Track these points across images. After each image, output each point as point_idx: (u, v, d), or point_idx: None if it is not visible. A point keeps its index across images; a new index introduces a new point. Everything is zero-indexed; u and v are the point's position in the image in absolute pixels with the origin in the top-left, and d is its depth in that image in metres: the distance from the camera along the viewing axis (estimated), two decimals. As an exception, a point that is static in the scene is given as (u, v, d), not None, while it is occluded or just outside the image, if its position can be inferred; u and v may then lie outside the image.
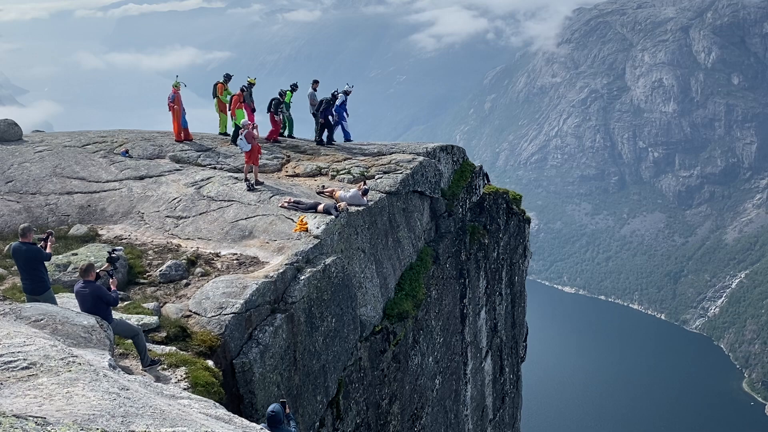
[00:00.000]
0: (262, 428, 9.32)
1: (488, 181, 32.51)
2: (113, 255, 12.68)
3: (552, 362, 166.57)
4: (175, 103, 25.04)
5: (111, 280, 11.85)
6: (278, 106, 25.74)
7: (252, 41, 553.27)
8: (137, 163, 22.66)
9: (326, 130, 25.87)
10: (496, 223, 30.02)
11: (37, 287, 11.88)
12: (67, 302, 12.65)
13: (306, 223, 17.76)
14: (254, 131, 20.87)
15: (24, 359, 7.26)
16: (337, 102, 25.49)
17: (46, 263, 12.44)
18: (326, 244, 17.45)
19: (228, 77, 26.37)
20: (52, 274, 14.15)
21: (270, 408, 10.04)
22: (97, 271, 11.80)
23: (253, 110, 26.27)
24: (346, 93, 25.93)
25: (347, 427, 17.41)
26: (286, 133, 27.22)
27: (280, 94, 26.10)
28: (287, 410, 10.60)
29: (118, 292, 11.89)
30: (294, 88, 26.65)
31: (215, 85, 26.20)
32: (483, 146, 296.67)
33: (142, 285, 15.46)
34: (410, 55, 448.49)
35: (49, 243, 12.43)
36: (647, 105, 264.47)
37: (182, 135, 25.28)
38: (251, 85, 26.03)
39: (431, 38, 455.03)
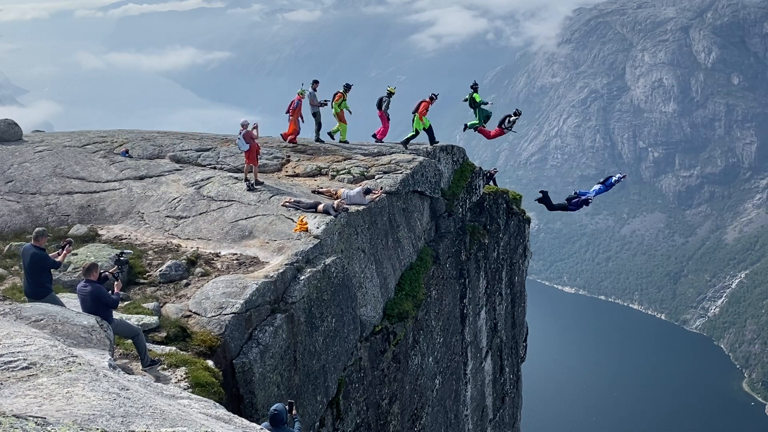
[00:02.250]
0: (262, 428, 9.32)
1: (495, 183, 32.59)
2: (122, 258, 12.77)
3: (552, 362, 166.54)
4: (297, 110, 25.10)
5: (116, 283, 11.86)
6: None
7: (252, 41, 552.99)
8: (137, 163, 22.65)
9: None
10: (496, 223, 30.04)
11: (37, 291, 11.93)
12: (68, 302, 12.65)
13: (306, 223, 17.76)
14: (254, 131, 20.83)
15: (24, 359, 7.26)
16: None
17: (54, 270, 12.48)
18: (326, 244, 17.46)
19: (348, 87, 26.17)
20: (53, 273, 14.16)
21: (273, 407, 10.04)
22: (105, 273, 11.89)
23: (388, 118, 26.68)
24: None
25: (347, 427, 17.42)
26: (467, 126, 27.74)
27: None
28: (294, 411, 10.61)
29: (120, 293, 11.91)
30: (475, 87, 26.82)
31: (335, 95, 26.10)
32: (483, 146, 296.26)
33: (142, 285, 15.46)
34: (410, 55, 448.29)
35: (65, 251, 12.49)
36: (647, 105, 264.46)
37: (289, 138, 25.45)
38: (391, 94, 26.32)
39: (431, 38, 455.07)
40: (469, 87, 26.91)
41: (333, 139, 26.88)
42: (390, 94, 26.48)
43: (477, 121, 27.05)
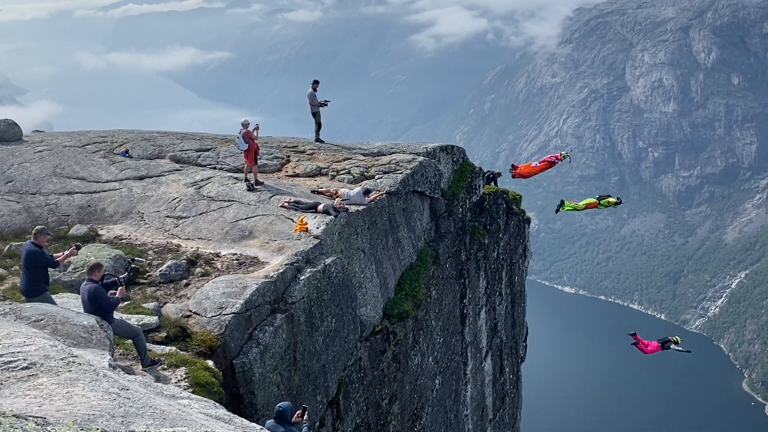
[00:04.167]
0: (262, 429, 9.35)
1: (496, 185, 32.53)
2: (132, 265, 12.88)
3: (552, 362, 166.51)
4: None
5: (120, 288, 11.89)
6: None
7: (252, 41, 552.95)
8: (137, 163, 22.66)
9: None
10: (496, 223, 30.03)
11: (30, 289, 11.99)
12: (68, 302, 12.66)
13: (306, 223, 17.76)
14: (254, 132, 20.80)
15: (24, 359, 7.26)
16: None
17: (52, 270, 12.54)
18: (326, 244, 17.45)
19: None
20: (53, 273, 14.17)
21: (279, 404, 10.33)
22: (114, 278, 11.96)
23: None
24: None
25: (347, 427, 17.41)
26: None
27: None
28: (306, 416, 10.70)
29: (120, 297, 11.94)
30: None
31: None
32: (483, 146, 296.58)
33: (142, 285, 15.46)
34: (410, 55, 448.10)
35: (68, 253, 12.54)
36: (647, 105, 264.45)
37: None
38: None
39: (431, 38, 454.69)
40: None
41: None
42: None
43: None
